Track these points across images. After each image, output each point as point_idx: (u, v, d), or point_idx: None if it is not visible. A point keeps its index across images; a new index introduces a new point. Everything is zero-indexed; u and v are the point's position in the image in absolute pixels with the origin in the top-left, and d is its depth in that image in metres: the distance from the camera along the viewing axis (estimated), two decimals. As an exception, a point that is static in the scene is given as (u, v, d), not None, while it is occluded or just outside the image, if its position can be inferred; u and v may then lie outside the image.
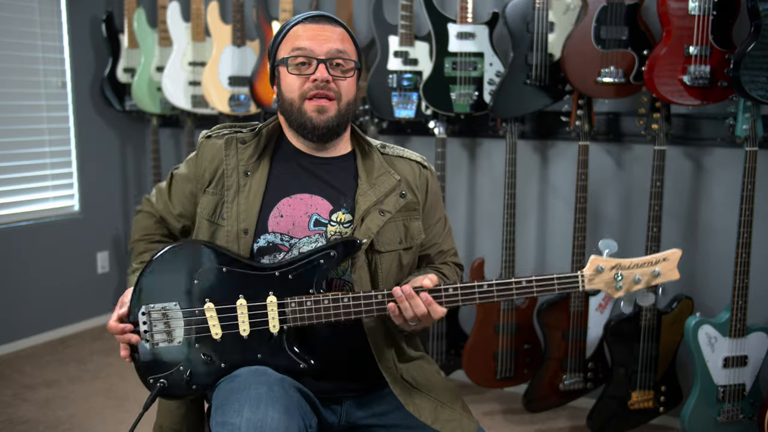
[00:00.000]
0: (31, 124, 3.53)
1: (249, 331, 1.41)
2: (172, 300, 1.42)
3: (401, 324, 1.40)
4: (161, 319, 1.43)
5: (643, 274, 1.38)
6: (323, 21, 1.48)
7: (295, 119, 1.48)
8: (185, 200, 1.58)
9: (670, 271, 1.38)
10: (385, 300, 1.37)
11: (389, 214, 1.49)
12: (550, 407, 2.76)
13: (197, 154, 1.56)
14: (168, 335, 1.43)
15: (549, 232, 2.96)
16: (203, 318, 1.41)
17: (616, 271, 1.38)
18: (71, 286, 3.72)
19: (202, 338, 1.42)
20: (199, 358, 1.42)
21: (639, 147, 2.73)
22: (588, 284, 1.39)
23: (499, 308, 2.74)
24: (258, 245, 1.46)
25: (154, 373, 1.44)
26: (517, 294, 1.38)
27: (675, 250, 1.39)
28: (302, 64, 1.45)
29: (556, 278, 1.39)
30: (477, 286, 1.37)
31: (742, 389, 2.37)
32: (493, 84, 2.75)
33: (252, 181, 1.49)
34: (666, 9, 2.27)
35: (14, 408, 2.85)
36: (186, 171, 1.58)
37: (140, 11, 3.50)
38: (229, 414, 1.27)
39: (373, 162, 1.54)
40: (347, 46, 1.48)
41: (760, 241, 2.46)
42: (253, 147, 1.52)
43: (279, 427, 1.24)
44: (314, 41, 1.44)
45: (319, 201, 1.49)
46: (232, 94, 3.28)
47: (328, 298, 1.38)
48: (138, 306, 1.43)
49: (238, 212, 1.47)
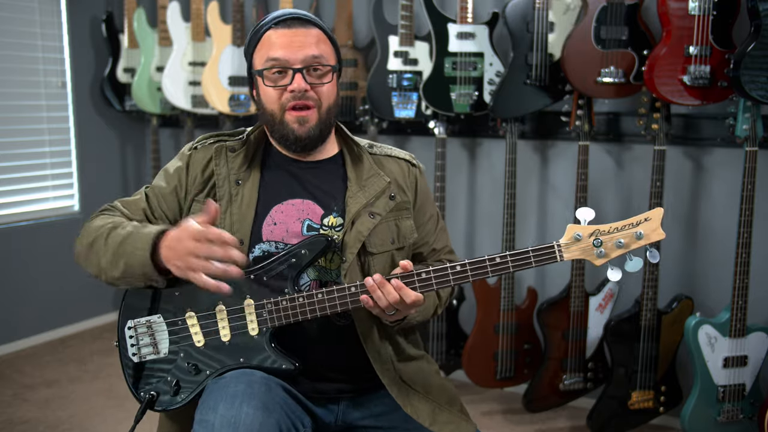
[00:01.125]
0: (31, 124, 3.53)
1: (230, 336, 1.42)
2: (156, 313, 1.45)
3: (380, 315, 1.39)
4: (146, 332, 1.45)
5: (625, 237, 1.32)
6: (296, 24, 1.44)
7: (277, 130, 1.47)
8: (170, 215, 1.52)
9: (654, 231, 1.32)
10: (358, 292, 1.37)
11: (379, 216, 1.48)
12: (550, 407, 2.76)
13: (186, 164, 1.51)
14: (154, 347, 1.45)
15: (549, 232, 2.96)
16: (185, 327, 1.43)
17: (595, 237, 1.32)
18: (71, 286, 3.72)
19: (186, 347, 1.43)
20: (185, 366, 1.43)
21: (639, 147, 2.73)
22: (566, 253, 1.33)
23: (499, 308, 2.74)
24: (253, 255, 1.45)
25: (144, 385, 1.45)
26: (492, 272, 1.34)
27: (657, 209, 1.33)
28: (278, 74, 1.43)
29: (532, 251, 1.33)
30: (450, 267, 1.34)
31: (742, 389, 2.37)
32: (493, 84, 2.75)
33: (244, 190, 1.48)
34: (666, 9, 2.27)
35: (14, 408, 2.85)
36: (171, 186, 1.51)
37: (140, 11, 3.50)
38: (205, 411, 1.28)
39: (362, 164, 1.53)
40: (323, 49, 1.45)
41: (760, 241, 2.46)
42: (243, 155, 1.50)
43: (253, 423, 1.23)
44: (288, 49, 1.41)
45: (311, 205, 1.48)
46: (232, 94, 3.28)
47: (303, 296, 1.39)
48: (124, 320, 1.46)
49: (231, 222, 1.46)
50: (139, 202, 1.52)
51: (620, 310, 2.63)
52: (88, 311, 3.83)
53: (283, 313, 1.40)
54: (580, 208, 1.35)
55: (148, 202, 1.51)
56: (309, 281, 1.47)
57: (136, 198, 1.53)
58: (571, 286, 2.62)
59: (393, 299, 1.33)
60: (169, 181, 1.52)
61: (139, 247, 1.35)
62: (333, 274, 1.47)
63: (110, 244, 1.39)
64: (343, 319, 1.48)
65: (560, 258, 1.33)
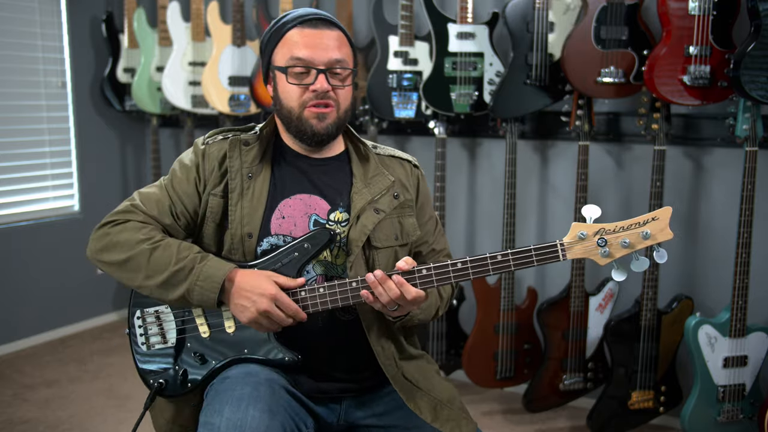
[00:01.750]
0: (31, 124, 3.53)
1: (234, 328, 1.45)
2: (164, 303, 1.48)
3: (382, 311, 1.40)
4: (155, 321, 1.49)
5: (630, 236, 1.28)
6: (321, 25, 1.46)
7: (294, 126, 1.48)
8: (189, 207, 1.51)
9: (662, 231, 1.28)
10: (359, 287, 1.38)
11: (383, 213, 1.50)
12: (550, 407, 2.76)
13: (201, 158, 1.50)
14: (162, 337, 1.49)
15: (549, 232, 2.96)
16: (192, 318, 1.46)
17: (599, 236, 1.29)
18: (71, 286, 3.72)
19: (192, 338, 1.47)
20: (191, 356, 1.46)
21: (639, 147, 2.73)
22: (569, 253, 1.31)
23: (499, 308, 2.74)
24: (261, 248, 1.47)
25: (153, 374, 1.49)
26: (494, 270, 1.33)
27: (666, 208, 1.29)
28: (301, 73, 1.45)
29: (534, 249, 1.32)
30: (450, 264, 1.35)
31: (742, 389, 2.37)
32: (493, 84, 2.75)
33: (255, 184, 1.49)
34: (666, 9, 2.27)
35: (14, 408, 2.85)
36: (187, 180, 1.50)
37: (140, 11, 3.50)
38: (210, 414, 1.30)
39: (368, 163, 1.55)
40: (345, 52, 1.47)
41: (760, 241, 2.46)
42: (257, 149, 1.52)
43: (259, 426, 1.24)
44: (313, 50, 1.43)
45: (318, 201, 1.51)
46: (232, 94, 3.28)
47: (305, 290, 1.40)
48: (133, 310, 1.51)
49: (241, 216, 1.47)
50: (163, 201, 1.50)
51: (620, 310, 2.63)
52: (88, 311, 3.83)
53: None
54: (587, 205, 1.32)
55: (171, 200, 1.50)
56: (315, 276, 1.48)
57: (158, 195, 1.51)
58: (571, 286, 2.62)
59: (394, 295, 1.34)
60: (188, 175, 1.51)
61: (207, 288, 1.38)
62: (339, 269, 1.49)
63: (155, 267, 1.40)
64: (348, 314, 1.49)
65: (563, 257, 1.31)
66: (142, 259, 1.41)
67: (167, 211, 1.49)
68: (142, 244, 1.42)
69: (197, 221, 1.52)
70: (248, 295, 1.37)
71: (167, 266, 1.39)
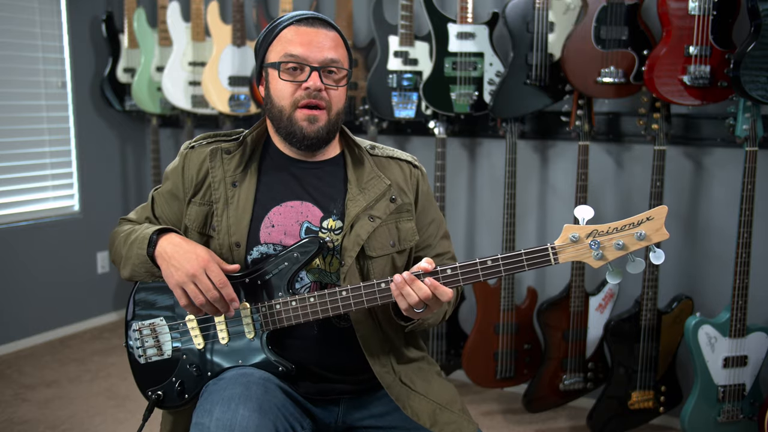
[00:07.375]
0: (31, 124, 3.53)
1: (228, 339, 1.44)
2: (159, 316, 1.49)
3: (407, 312, 1.34)
4: (150, 334, 1.49)
5: (624, 238, 1.24)
6: (317, 24, 1.44)
7: (284, 127, 1.45)
8: (172, 216, 1.54)
9: (657, 231, 1.23)
10: (350, 296, 1.37)
11: (379, 219, 1.47)
12: (550, 407, 2.76)
13: (182, 165, 1.51)
14: (158, 349, 1.49)
15: (549, 232, 2.96)
16: (186, 330, 1.47)
17: (592, 239, 1.24)
18: (71, 287, 3.72)
19: (187, 350, 1.47)
20: (187, 368, 1.46)
21: (639, 147, 2.73)
22: (561, 257, 1.28)
23: (499, 308, 2.74)
24: (251, 257, 1.45)
25: (151, 386, 1.49)
26: (484, 275, 1.31)
27: (661, 207, 1.25)
28: (295, 70, 1.42)
29: (524, 253, 1.29)
30: (440, 271, 1.32)
31: (742, 389, 2.37)
32: (493, 84, 2.75)
33: (240, 192, 1.47)
34: (666, 9, 2.27)
35: (14, 408, 2.85)
36: (170, 186, 1.53)
37: (140, 11, 3.50)
38: (201, 414, 1.29)
39: (363, 166, 1.51)
40: (340, 53, 1.45)
41: (760, 241, 2.46)
42: (239, 157, 1.49)
43: (249, 425, 1.23)
44: (308, 48, 1.41)
45: (310, 208, 1.47)
46: (232, 94, 3.28)
47: (296, 299, 1.40)
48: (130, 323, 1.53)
49: (228, 225, 1.45)
50: (147, 208, 1.58)
51: (620, 310, 2.63)
52: (88, 311, 3.83)
53: (277, 317, 1.41)
54: (579, 206, 1.28)
55: (153, 208, 1.57)
56: (309, 283, 1.46)
57: (146, 204, 1.60)
58: (571, 286, 2.62)
59: (424, 295, 1.30)
60: (169, 183, 1.54)
61: (140, 246, 1.43)
62: (332, 276, 1.47)
63: (119, 251, 1.50)
64: (344, 321, 1.47)
65: (555, 261, 1.29)
66: (115, 250, 1.53)
67: (149, 210, 1.57)
68: (120, 233, 1.53)
69: (180, 227, 1.52)
70: (180, 257, 1.37)
71: (125, 243, 1.48)
